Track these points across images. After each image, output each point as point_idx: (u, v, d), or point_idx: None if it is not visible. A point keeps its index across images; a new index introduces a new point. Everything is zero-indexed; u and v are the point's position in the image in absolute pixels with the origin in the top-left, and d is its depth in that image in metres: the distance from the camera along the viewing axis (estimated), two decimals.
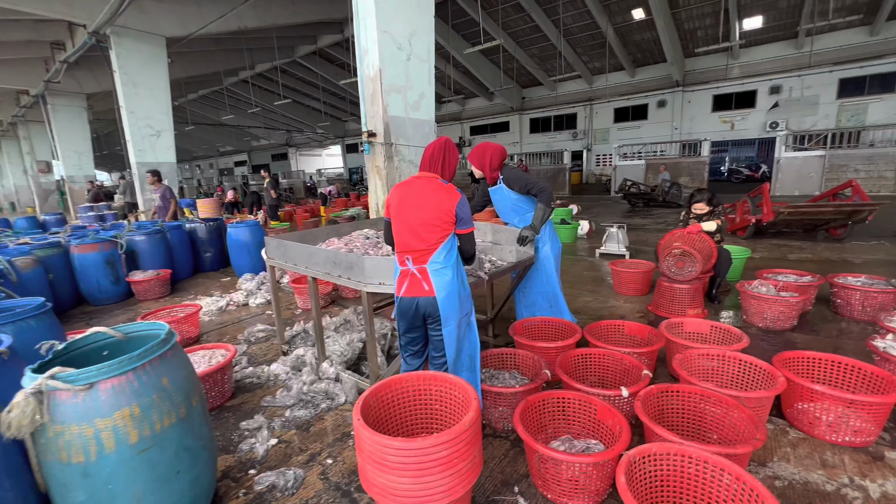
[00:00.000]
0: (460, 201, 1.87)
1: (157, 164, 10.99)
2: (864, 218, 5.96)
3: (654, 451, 1.58)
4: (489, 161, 2.93)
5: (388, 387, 1.75)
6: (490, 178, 3.00)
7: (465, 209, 1.89)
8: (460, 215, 1.88)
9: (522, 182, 2.89)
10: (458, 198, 1.87)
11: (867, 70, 15.84)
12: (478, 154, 2.97)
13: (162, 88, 11.00)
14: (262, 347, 3.48)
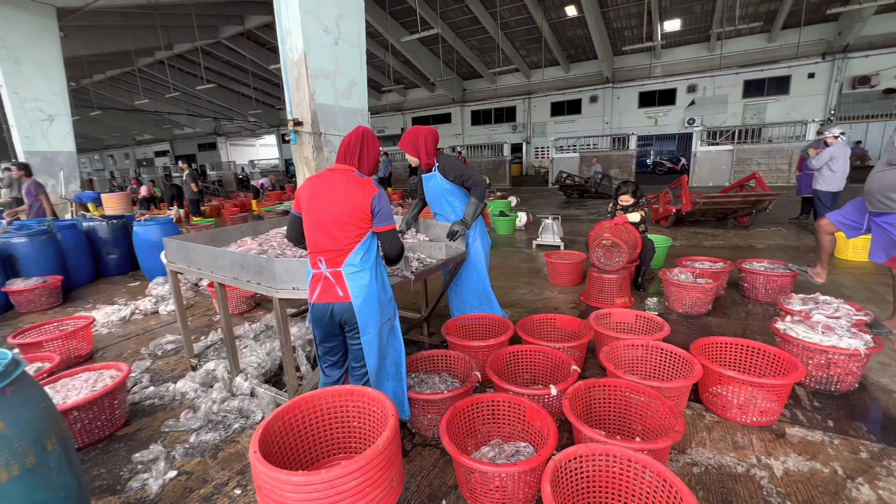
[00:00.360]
0: (376, 196, 1.70)
1: (51, 154, 9.63)
2: (765, 207, 6.58)
3: (580, 452, 1.54)
4: (424, 145, 2.73)
5: (296, 408, 1.56)
6: (425, 164, 2.80)
7: (383, 204, 1.73)
8: (377, 211, 1.71)
9: (458, 171, 2.76)
10: (373, 192, 1.70)
11: (766, 73, 17.67)
12: (410, 139, 2.75)
13: (54, 66, 9.59)
14: (169, 362, 3.09)
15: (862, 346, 2.22)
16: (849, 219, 3.04)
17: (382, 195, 1.72)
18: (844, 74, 16.35)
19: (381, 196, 1.71)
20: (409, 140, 2.76)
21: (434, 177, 2.82)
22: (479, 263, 2.94)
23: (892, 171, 2.72)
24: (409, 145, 2.76)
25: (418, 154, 2.76)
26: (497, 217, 7.51)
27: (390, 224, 1.77)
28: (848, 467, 1.79)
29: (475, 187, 2.74)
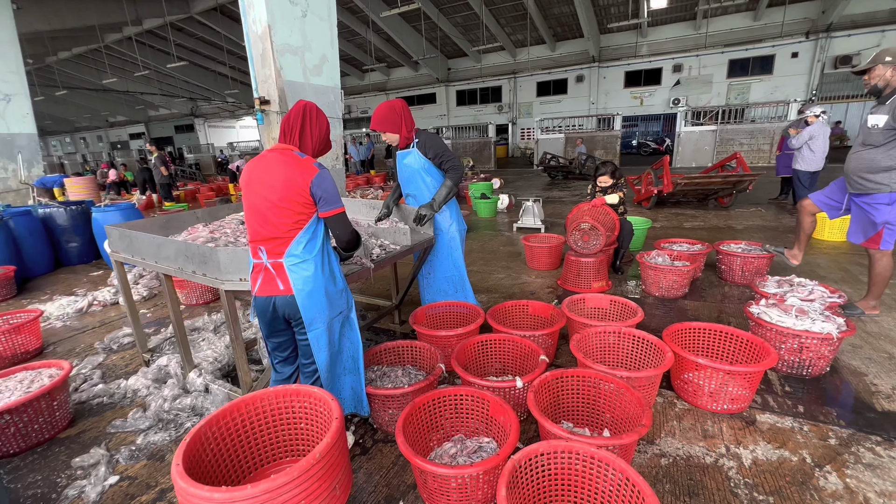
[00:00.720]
0: (317, 177, 1.53)
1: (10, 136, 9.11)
2: (745, 187, 6.57)
3: (542, 450, 1.45)
4: (403, 119, 2.48)
5: (235, 412, 1.43)
6: (405, 140, 2.55)
7: (326, 186, 1.55)
8: (318, 194, 1.55)
9: (439, 150, 2.56)
10: (313, 173, 1.53)
11: (751, 52, 17.59)
12: (385, 115, 2.45)
13: (7, 42, 8.97)
14: (125, 357, 2.93)
15: (835, 329, 2.18)
16: (831, 199, 2.98)
17: (325, 176, 1.56)
18: (827, 54, 16.37)
19: (322, 177, 1.55)
20: (386, 116, 2.46)
21: (412, 153, 2.60)
22: (454, 250, 2.79)
23: (866, 151, 2.66)
24: (389, 122, 2.47)
25: (400, 129, 2.51)
26: (478, 200, 7.37)
27: (337, 207, 1.60)
28: (817, 455, 1.75)
29: (452, 170, 2.56)
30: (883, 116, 2.53)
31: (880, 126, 2.54)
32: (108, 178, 13.14)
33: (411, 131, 2.55)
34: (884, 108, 2.55)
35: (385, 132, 2.52)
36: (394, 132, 2.52)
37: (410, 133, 2.55)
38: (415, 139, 2.58)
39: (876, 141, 2.59)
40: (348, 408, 1.96)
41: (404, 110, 2.51)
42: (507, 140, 24.14)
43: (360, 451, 1.92)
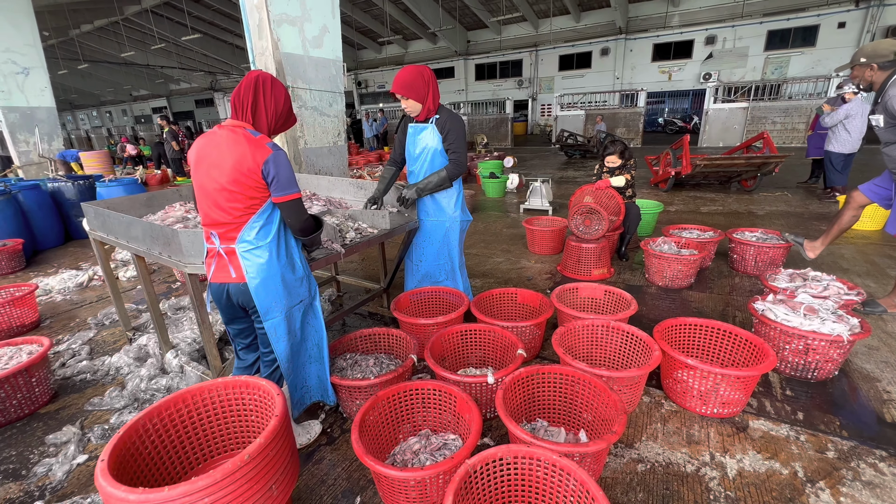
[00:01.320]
0: (270, 158, 1.41)
1: (29, 110, 9.30)
2: (771, 170, 6.15)
3: (501, 455, 1.36)
4: (431, 91, 2.23)
5: (179, 403, 1.38)
6: (426, 112, 2.30)
7: (280, 169, 1.43)
8: (271, 177, 1.43)
9: (457, 136, 2.33)
10: (266, 154, 1.41)
11: (792, 22, 16.32)
12: (413, 80, 2.18)
13: (23, 13, 9.02)
14: (114, 333, 2.96)
15: (846, 331, 1.98)
16: (882, 187, 2.68)
17: (279, 157, 1.43)
18: (878, 24, 15.02)
19: (276, 159, 1.42)
20: (413, 82, 2.18)
21: (429, 128, 2.36)
22: (452, 239, 2.62)
23: (888, 148, 2.47)
24: (414, 89, 2.19)
25: (425, 99, 2.25)
26: (487, 179, 7.15)
27: (291, 193, 1.48)
28: (811, 469, 1.61)
29: (456, 163, 2.35)
30: (879, 116, 2.42)
31: (881, 125, 2.43)
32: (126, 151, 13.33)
33: (436, 104, 2.33)
34: (879, 107, 2.42)
35: (408, 98, 2.23)
36: (417, 101, 2.23)
37: (434, 106, 2.32)
38: (435, 115, 2.36)
39: (889, 138, 2.44)
40: (314, 396, 1.91)
41: (432, 79, 2.27)
42: (526, 116, 23.42)
43: (327, 440, 1.88)
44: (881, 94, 2.37)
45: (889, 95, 2.30)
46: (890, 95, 2.29)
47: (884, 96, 2.34)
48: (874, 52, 2.35)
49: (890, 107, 2.30)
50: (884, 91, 2.35)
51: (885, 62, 2.33)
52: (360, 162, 10.48)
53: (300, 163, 4.71)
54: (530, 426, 1.81)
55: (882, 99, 2.36)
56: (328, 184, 3.07)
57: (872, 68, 2.37)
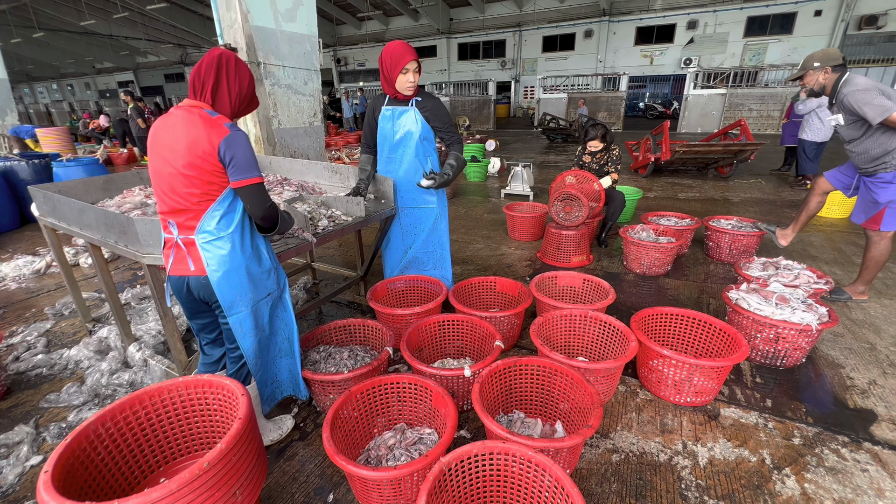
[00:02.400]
0: (227, 140, 1.29)
1: None
2: (747, 157, 6.25)
3: (476, 451, 1.33)
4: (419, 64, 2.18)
5: (129, 408, 1.29)
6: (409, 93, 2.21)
7: (237, 150, 1.31)
8: (227, 160, 1.31)
9: (447, 121, 2.29)
10: (223, 135, 1.29)
11: (771, 9, 16.46)
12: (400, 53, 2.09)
13: None
14: (73, 324, 2.80)
15: (815, 320, 2.03)
16: (847, 175, 2.75)
17: (237, 138, 1.31)
18: (852, 13, 15.30)
19: (234, 139, 1.30)
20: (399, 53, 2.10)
21: (410, 111, 2.26)
22: (441, 227, 2.59)
23: (853, 145, 2.54)
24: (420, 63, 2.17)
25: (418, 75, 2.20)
26: (469, 163, 7.05)
27: (251, 177, 1.36)
28: (777, 455, 1.65)
29: (458, 144, 2.32)
30: (839, 115, 2.50)
31: (842, 123, 2.51)
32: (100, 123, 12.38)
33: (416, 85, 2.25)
34: (835, 107, 2.52)
35: (418, 72, 2.17)
36: (420, 75, 2.21)
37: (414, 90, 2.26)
38: (416, 97, 2.28)
39: (853, 135, 2.50)
40: (286, 391, 1.85)
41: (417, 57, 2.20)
42: (509, 98, 23.16)
43: (300, 436, 1.82)
44: (835, 94, 2.47)
45: (843, 93, 2.39)
46: (844, 93, 2.38)
47: (838, 95, 2.44)
48: (826, 57, 2.47)
49: (847, 103, 2.38)
50: (837, 91, 2.45)
51: (837, 65, 2.45)
52: (338, 143, 10.19)
53: (274, 144, 4.52)
54: (507, 418, 1.80)
55: (837, 98, 2.46)
56: (301, 167, 2.93)
57: (826, 71, 2.47)
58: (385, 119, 2.34)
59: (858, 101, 2.32)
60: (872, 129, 2.40)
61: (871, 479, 1.54)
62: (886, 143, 2.37)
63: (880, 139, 2.39)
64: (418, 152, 2.36)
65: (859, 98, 2.32)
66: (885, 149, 2.39)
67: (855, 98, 2.33)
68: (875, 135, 2.40)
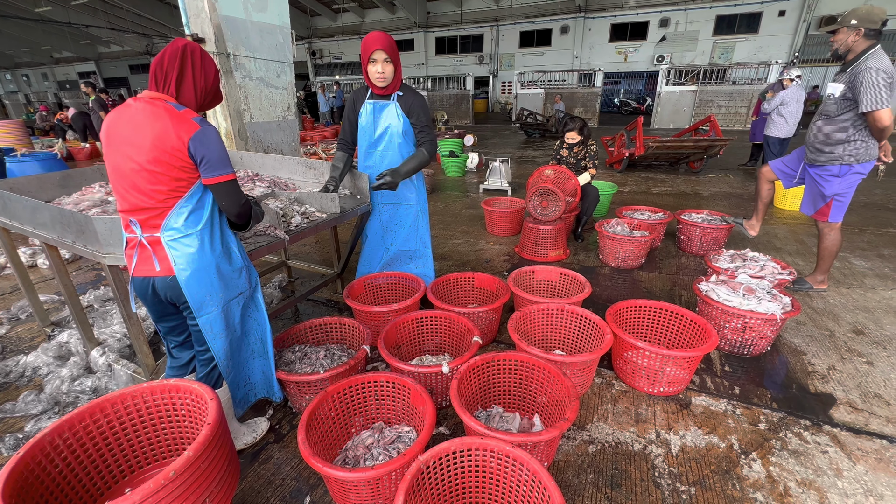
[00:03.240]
0: (197, 135, 1.24)
1: None
2: (716, 152, 6.45)
3: (454, 448, 1.33)
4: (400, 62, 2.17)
5: (90, 416, 1.23)
6: (392, 87, 2.18)
7: (209, 147, 1.26)
8: (199, 157, 1.26)
9: (425, 117, 2.24)
10: (192, 130, 1.24)
11: (739, 8, 16.99)
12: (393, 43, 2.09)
13: None
14: (31, 329, 2.66)
15: (779, 310, 2.11)
16: (788, 167, 2.88)
17: (208, 134, 1.26)
18: (814, 14, 15.96)
19: (205, 136, 1.25)
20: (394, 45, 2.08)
21: (391, 105, 2.22)
22: (422, 224, 2.57)
23: (822, 121, 2.56)
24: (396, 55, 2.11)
25: (398, 69, 2.15)
26: (446, 158, 7.03)
27: (223, 174, 1.32)
28: (745, 441, 1.71)
29: (430, 143, 2.27)
30: (839, 86, 2.41)
31: (836, 95, 2.43)
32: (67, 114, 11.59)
33: (400, 79, 2.22)
34: (843, 76, 2.40)
35: (390, 63, 2.10)
36: (395, 68, 2.14)
37: (399, 81, 2.22)
38: (398, 91, 2.24)
39: (831, 111, 2.49)
40: (260, 393, 1.80)
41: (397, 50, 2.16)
42: (487, 94, 23.19)
43: (275, 438, 1.78)
44: (855, 63, 2.31)
45: (865, 65, 2.24)
46: (866, 66, 2.23)
47: (858, 64, 2.28)
48: (868, 16, 2.25)
49: (860, 78, 2.23)
50: (859, 60, 2.30)
51: (872, 30, 2.26)
52: (314, 138, 9.99)
53: (245, 138, 4.39)
54: (486, 413, 1.80)
55: (855, 67, 2.29)
56: (274, 163, 2.85)
57: (859, 33, 2.28)
58: (366, 114, 2.30)
59: (870, 80, 2.19)
60: (849, 114, 2.37)
61: (831, 459, 1.61)
62: (849, 133, 2.41)
63: (847, 126, 2.40)
64: (399, 148, 2.33)
65: (873, 78, 2.19)
66: (845, 137, 2.43)
67: (870, 76, 2.19)
68: (849, 120, 2.39)
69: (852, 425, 1.78)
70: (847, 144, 2.45)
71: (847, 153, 2.47)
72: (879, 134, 2.36)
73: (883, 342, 2.35)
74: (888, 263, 3.35)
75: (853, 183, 2.54)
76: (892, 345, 2.32)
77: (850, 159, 2.47)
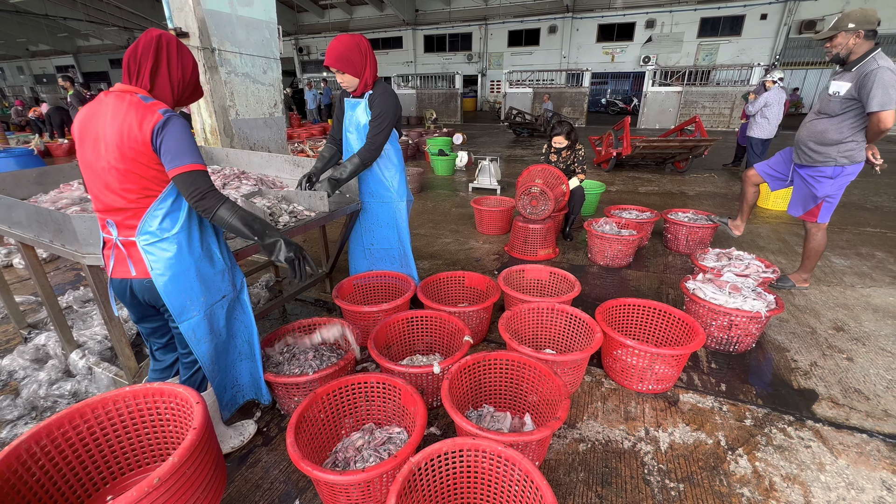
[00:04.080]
0: (160, 125, 1.16)
1: None
2: (702, 152, 6.56)
3: (445, 449, 1.32)
4: (369, 64, 2.06)
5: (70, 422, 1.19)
6: (363, 87, 2.12)
7: (173, 134, 1.18)
8: (159, 145, 1.18)
9: (381, 112, 2.10)
10: (155, 120, 1.16)
11: (723, 11, 17.28)
12: (349, 52, 1.99)
13: None
14: (7, 331, 2.57)
15: (764, 308, 2.15)
16: (775, 170, 2.93)
17: (171, 123, 1.18)
18: (794, 17, 16.32)
19: (168, 125, 1.17)
20: (349, 55, 2.00)
21: (362, 103, 2.18)
22: (400, 222, 2.50)
23: (819, 120, 2.56)
24: (351, 63, 2.01)
25: (362, 73, 2.06)
26: (436, 156, 7.01)
27: (188, 164, 1.19)
28: (731, 437, 1.74)
29: (369, 145, 2.13)
30: (846, 84, 2.38)
31: (841, 94, 2.40)
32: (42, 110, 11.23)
33: (374, 78, 2.14)
34: (848, 75, 2.38)
35: (344, 73, 2.04)
36: (354, 76, 2.06)
37: (372, 80, 2.13)
38: (371, 90, 2.17)
39: (832, 110, 2.48)
40: (247, 395, 1.77)
41: (369, 51, 2.07)
42: (476, 92, 23.20)
43: (263, 441, 1.75)
44: (862, 62, 2.30)
45: (878, 65, 2.22)
46: (879, 65, 2.22)
47: (865, 65, 2.27)
48: (864, 18, 2.26)
49: (872, 77, 2.21)
50: (866, 60, 2.29)
51: (870, 30, 2.26)
52: (302, 135, 9.87)
53: (231, 135, 4.31)
54: (477, 413, 1.80)
55: (862, 68, 2.28)
56: (261, 160, 2.80)
57: (859, 35, 2.28)
58: (344, 110, 2.29)
59: (882, 79, 2.18)
60: (850, 114, 2.38)
61: (814, 454, 1.65)
62: (845, 134, 2.43)
63: (845, 127, 2.41)
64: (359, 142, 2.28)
65: (886, 78, 2.18)
66: (839, 139, 2.45)
67: (882, 75, 2.18)
68: (847, 121, 2.40)
69: (834, 420, 1.82)
70: (842, 145, 2.47)
71: (842, 154, 2.49)
72: (876, 136, 2.38)
73: (862, 338, 2.41)
74: (866, 262, 3.44)
75: (844, 184, 2.59)
76: (871, 341, 2.38)
77: (843, 160, 2.50)
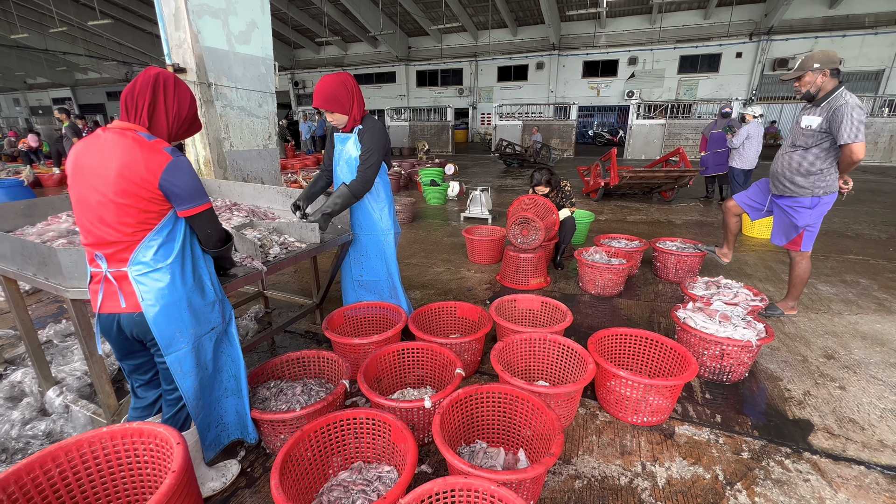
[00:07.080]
0: (170, 168, 1.21)
1: None
2: (686, 182, 6.74)
3: (437, 489, 1.27)
4: (356, 101, 2.13)
5: (40, 467, 1.13)
6: (351, 124, 2.18)
7: (181, 178, 1.24)
8: (172, 191, 1.23)
9: (371, 147, 2.13)
10: (164, 162, 1.21)
11: (700, 50, 18.20)
12: (335, 91, 2.06)
13: None
14: None
15: (754, 336, 2.16)
16: (753, 199, 3.01)
17: (180, 165, 1.24)
18: (767, 56, 17.23)
19: (177, 167, 1.23)
20: (335, 94, 2.06)
21: (351, 138, 2.22)
22: (389, 255, 2.51)
23: (794, 152, 2.66)
24: (338, 102, 2.08)
25: (350, 110, 2.12)
26: (428, 187, 7.11)
27: (200, 204, 1.29)
28: (729, 471, 1.70)
29: (360, 178, 2.16)
30: (817, 118, 2.51)
31: (813, 127, 2.52)
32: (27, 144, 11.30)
33: (361, 113, 2.20)
34: (817, 109, 2.52)
35: (333, 112, 2.11)
36: (343, 113, 2.12)
37: (360, 115, 2.19)
38: (360, 125, 2.22)
39: (806, 143, 2.58)
40: (233, 434, 1.71)
41: (356, 89, 2.14)
42: (467, 124, 23.83)
43: (246, 482, 1.67)
44: (830, 98, 2.45)
45: (845, 101, 2.36)
46: (846, 101, 2.36)
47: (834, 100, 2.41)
48: (828, 59, 2.43)
49: (841, 112, 2.35)
50: (832, 96, 2.44)
51: (834, 69, 2.44)
52: (295, 166, 9.98)
53: (225, 167, 4.35)
54: (469, 449, 1.75)
55: (831, 104, 2.42)
56: (253, 192, 2.82)
57: (825, 73, 2.44)
58: (335, 144, 2.34)
59: (850, 114, 2.32)
60: (823, 146, 2.49)
61: (813, 488, 1.62)
62: (819, 165, 2.52)
63: (819, 158, 2.52)
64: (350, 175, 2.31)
65: (853, 113, 2.32)
66: (815, 169, 2.54)
67: (850, 110, 2.32)
68: (821, 153, 2.51)
69: (831, 451, 1.80)
70: (817, 176, 2.56)
71: (817, 185, 2.57)
72: (848, 167, 2.49)
73: (853, 366, 2.42)
74: (851, 289, 3.50)
75: (822, 213, 2.67)
76: (861, 369, 2.39)
77: (820, 191, 2.58)
